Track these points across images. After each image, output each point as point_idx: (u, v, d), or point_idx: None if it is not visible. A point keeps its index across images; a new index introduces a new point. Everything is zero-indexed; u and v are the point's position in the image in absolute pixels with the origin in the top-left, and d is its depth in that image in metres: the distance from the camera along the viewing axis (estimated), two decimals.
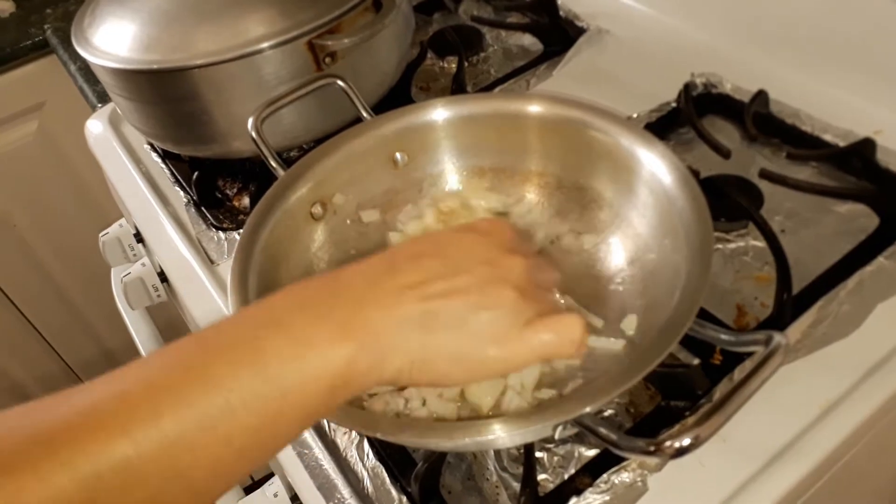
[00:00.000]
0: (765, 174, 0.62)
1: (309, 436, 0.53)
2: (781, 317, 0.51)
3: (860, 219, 0.59)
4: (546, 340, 0.36)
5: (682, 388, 0.49)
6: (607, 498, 0.45)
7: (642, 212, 0.53)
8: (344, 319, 0.33)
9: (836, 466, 0.47)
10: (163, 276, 0.80)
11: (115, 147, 0.85)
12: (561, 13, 0.86)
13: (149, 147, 0.82)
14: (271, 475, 0.57)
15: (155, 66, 0.65)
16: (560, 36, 0.83)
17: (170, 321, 0.89)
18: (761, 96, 0.68)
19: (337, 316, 0.33)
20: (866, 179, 0.61)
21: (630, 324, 0.49)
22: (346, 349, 0.32)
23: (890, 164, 0.60)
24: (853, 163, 0.62)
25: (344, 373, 0.32)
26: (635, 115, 0.70)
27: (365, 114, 0.62)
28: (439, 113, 0.59)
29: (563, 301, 0.49)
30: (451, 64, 0.87)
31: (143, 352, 0.80)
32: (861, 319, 0.51)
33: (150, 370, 0.30)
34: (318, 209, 0.56)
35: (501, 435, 0.37)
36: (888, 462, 0.61)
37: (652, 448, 0.35)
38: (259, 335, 0.31)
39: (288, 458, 0.52)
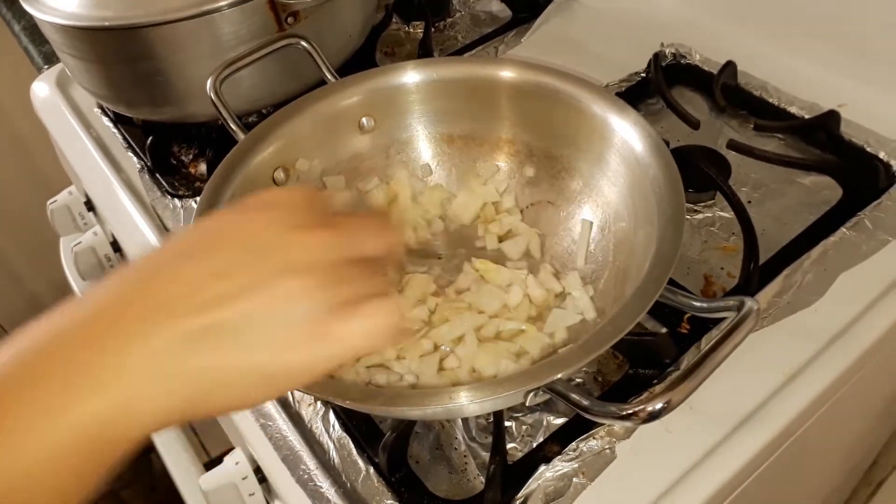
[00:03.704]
0: (732, 145, 0.62)
1: (272, 407, 0.51)
2: (748, 286, 0.52)
3: (824, 190, 0.59)
4: (354, 332, 0.30)
5: (649, 356, 0.49)
6: (576, 465, 0.45)
7: (613, 180, 0.52)
8: (97, 363, 0.27)
9: (800, 431, 0.48)
10: (116, 246, 0.76)
11: (64, 110, 0.81)
12: None
13: (99, 111, 0.78)
14: (231, 449, 0.55)
15: (107, 24, 0.61)
16: (529, 2, 0.82)
17: None
18: (729, 67, 0.68)
19: (79, 359, 0.27)
20: (830, 152, 0.62)
21: (574, 282, 0.50)
22: (97, 402, 0.26)
23: (853, 137, 0.61)
24: (818, 135, 0.63)
25: (99, 430, 0.27)
26: (604, 85, 0.69)
27: (329, 76, 0.59)
28: (409, 76, 0.57)
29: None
30: (417, 29, 0.85)
31: None
32: (824, 289, 0.52)
33: None
34: (280, 174, 0.54)
35: (472, 402, 0.36)
36: (849, 427, 0.63)
37: (624, 412, 0.35)
38: (10, 394, 0.26)
39: (250, 429, 0.51)
